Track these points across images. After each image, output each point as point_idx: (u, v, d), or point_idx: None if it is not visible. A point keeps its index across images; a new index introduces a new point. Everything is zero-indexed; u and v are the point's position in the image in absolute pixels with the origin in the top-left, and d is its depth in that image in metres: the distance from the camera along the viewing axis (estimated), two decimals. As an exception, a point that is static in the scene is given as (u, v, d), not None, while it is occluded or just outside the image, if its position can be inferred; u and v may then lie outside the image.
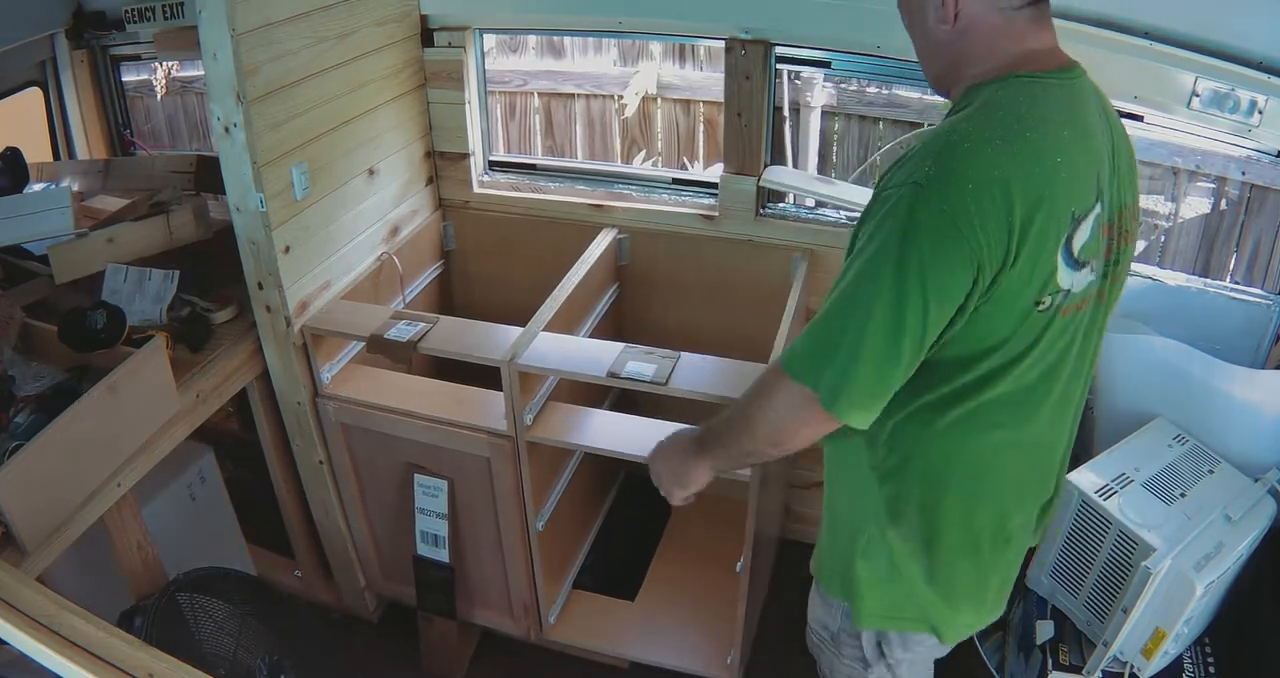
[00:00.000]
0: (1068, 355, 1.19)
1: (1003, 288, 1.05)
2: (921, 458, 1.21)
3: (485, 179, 2.54)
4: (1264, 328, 1.91)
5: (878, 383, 1.08)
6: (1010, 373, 1.14)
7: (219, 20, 1.64)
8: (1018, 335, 1.11)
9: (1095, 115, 1.15)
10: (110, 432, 1.66)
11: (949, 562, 1.27)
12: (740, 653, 2.15)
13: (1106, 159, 1.14)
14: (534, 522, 2.07)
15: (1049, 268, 1.07)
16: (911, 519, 1.25)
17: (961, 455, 1.21)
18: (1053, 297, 1.09)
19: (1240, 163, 2.57)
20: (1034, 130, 1.06)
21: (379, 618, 2.52)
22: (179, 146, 3.62)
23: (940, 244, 1.01)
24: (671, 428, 1.98)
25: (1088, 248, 1.11)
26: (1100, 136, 1.14)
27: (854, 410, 1.09)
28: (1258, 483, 1.72)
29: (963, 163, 1.02)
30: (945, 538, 1.26)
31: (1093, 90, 1.17)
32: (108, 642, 1.17)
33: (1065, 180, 1.06)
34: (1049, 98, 1.10)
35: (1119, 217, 1.18)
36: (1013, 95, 1.09)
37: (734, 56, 2.14)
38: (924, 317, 1.04)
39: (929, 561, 1.27)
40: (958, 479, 1.22)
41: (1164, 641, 1.63)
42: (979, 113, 1.08)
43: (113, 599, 1.79)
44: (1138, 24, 1.75)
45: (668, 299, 2.46)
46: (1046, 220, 1.04)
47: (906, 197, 1.02)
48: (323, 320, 2.03)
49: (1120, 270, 1.22)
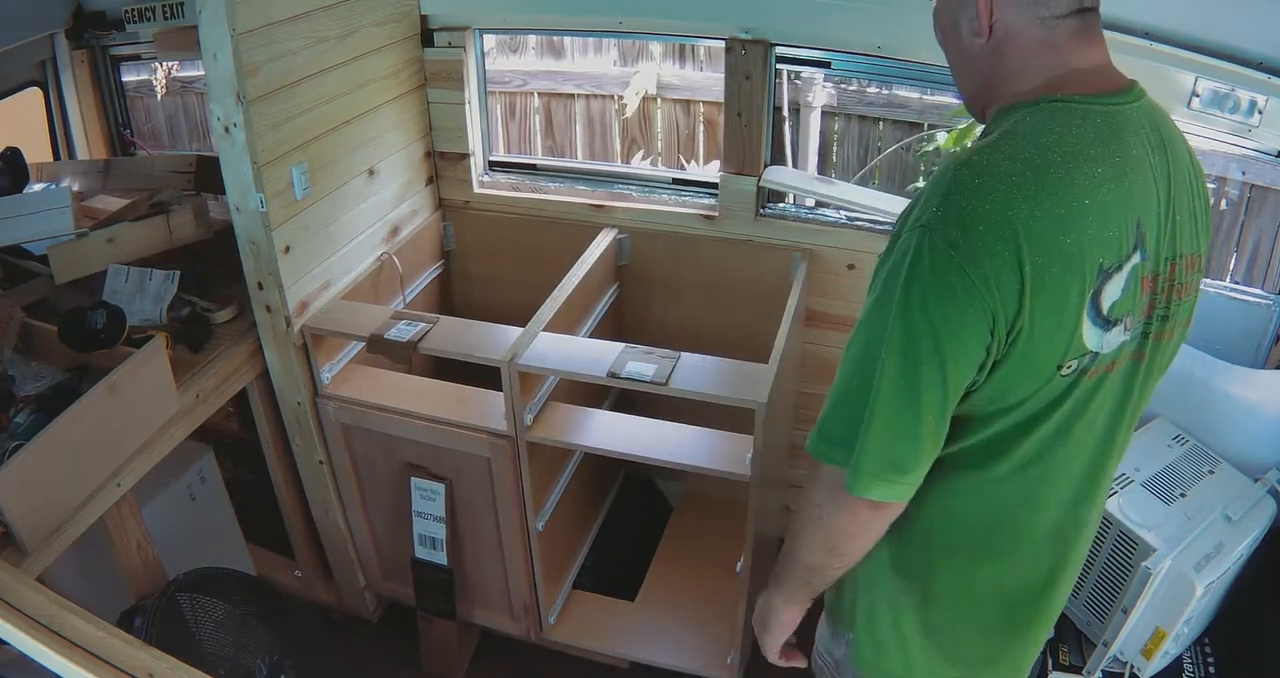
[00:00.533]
0: (1093, 422, 1.06)
1: (1021, 346, 0.94)
2: (925, 515, 1.10)
3: (485, 179, 2.54)
4: (1264, 328, 1.91)
5: (902, 453, 0.97)
6: (1026, 437, 1.03)
7: (219, 20, 1.64)
8: (1037, 397, 0.99)
9: (1145, 149, 0.99)
10: (110, 432, 1.66)
11: (949, 623, 1.19)
12: (740, 653, 2.15)
13: (1154, 201, 0.99)
14: (534, 522, 2.07)
15: (1073, 326, 0.95)
16: (913, 573, 1.16)
17: (966, 517, 1.11)
18: (1078, 359, 0.97)
19: (1240, 163, 2.57)
20: (1059, 166, 0.93)
21: (379, 618, 2.52)
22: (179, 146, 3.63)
23: (949, 293, 0.91)
24: (669, 428, 2.00)
25: (1121, 305, 0.97)
26: (1148, 174, 0.98)
27: (876, 484, 0.98)
28: (1258, 483, 1.72)
29: (971, 202, 0.91)
30: (944, 598, 1.17)
31: (1149, 120, 1.01)
32: (108, 642, 1.17)
33: (1093, 226, 0.93)
34: (1085, 127, 0.96)
35: (1169, 268, 1.02)
36: (1041, 123, 0.96)
37: (734, 56, 2.14)
38: (941, 371, 0.94)
39: (927, 615, 1.18)
40: (962, 541, 1.13)
41: (1164, 641, 1.63)
42: (998, 144, 0.95)
43: (113, 599, 1.79)
44: (1138, 24, 1.75)
45: (668, 299, 2.46)
46: (1065, 272, 0.92)
47: (914, 241, 0.93)
48: (323, 320, 2.03)
49: (1170, 328, 1.06)
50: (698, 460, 1.90)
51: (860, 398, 0.98)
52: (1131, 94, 1.00)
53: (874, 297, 0.98)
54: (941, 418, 0.98)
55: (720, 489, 2.59)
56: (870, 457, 0.98)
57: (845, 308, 2.30)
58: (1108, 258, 0.95)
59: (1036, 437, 1.03)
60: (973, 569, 1.15)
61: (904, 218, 0.98)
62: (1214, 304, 1.94)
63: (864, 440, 0.97)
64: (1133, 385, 1.08)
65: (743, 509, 1.94)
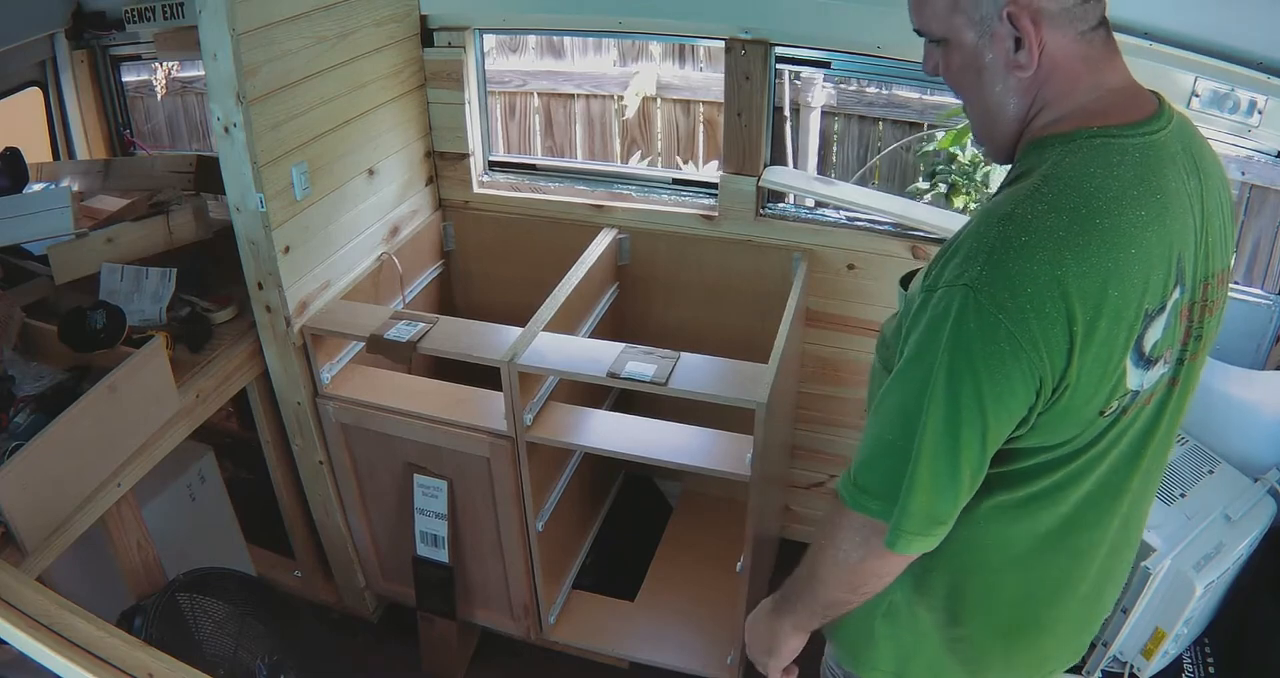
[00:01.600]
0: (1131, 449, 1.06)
1: (1065, 400, 0.93)
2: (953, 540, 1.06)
3: (485, 179, 2.54)
4: (1264, 328, 1.91)
5: (942, 508, 0.97)
6: (1060, 470, 1.02)
7: (219, 20, 1.64)
8: (1077, 438, 0.99)
9: (1181, 178, 0.96)
10: (110, 432, 1.66)
11: (975, 640, 1.18)
12: (740, 653, 2.15)
13: (1191, 231, 0.97)
14: (534, 522, 2.07)
15: (1118, 374, 0.94)
16: (937, 594, 1.15)
17: (993, 543, 1.09)
18: (1120, 401, 0.96)
19: (1240, 163, 2.57)
20: (1105, 216, 0.90)
21: (379, 618, 2.52)
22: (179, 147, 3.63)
23: (996, 356, 0.89)
24: (669, 428, 2.00)
25: (1161, 343, 0.96)
26: (1187, 206, 0.96)
27: (916, 541, 0.98)
28: (1257, 483, 1.72)
29: (1019, 262, 0.88)
30: (971, 620, 1.16)
31: (1182, 145, 0.98)
32: (108, 642, 1.17)
33: (1139, 274, 0.91)
34: (1124, 166, 0.92)
35: (1203, 291, 1.01)
36: (1082, 166, 0.92)
37: (734, 56, 2.14)
38: (982, 436, 0.93)
39: (953, 633, 1.17)
40: (988, 566, 1.11)
41: (1164, 641, 1.63)
42: (1040, 192, 0.91)
43: (113, 599, 1.79)
44: (1138, 24, 1.75)
45: (668, 299, 2.46)
46: (1113, 325, 0.90)
47: (957, 300, 0.89)
48: (323, 320, 2.03)
49: (1202, 346, 1.05)
50: (698, 460, 1.90)
51: (897, 453, 0.97)
52: (1163, 118, 0.97)
53: (912, 352, 0.96)
54: (980, 470, 0.97)
55: (720, 489, 2.59)
56: (912, 517, 0.97)
57: (845, 308, 2.30)
58: (1152, 303, 0.93)
59: (1074, 466, 1.02)
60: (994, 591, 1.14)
61: (939, 270, 0.94)
62: (1214, 304, 1.94)
63: (906, 501, 0.96)
64: (1166, 408, 1.06)
65: (743, 509, 1.94)
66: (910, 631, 1.18)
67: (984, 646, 1.18)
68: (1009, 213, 0.91)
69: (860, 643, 1.23)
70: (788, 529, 2.68)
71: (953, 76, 1.02)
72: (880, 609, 1.18)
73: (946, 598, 1.14)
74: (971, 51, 0.98)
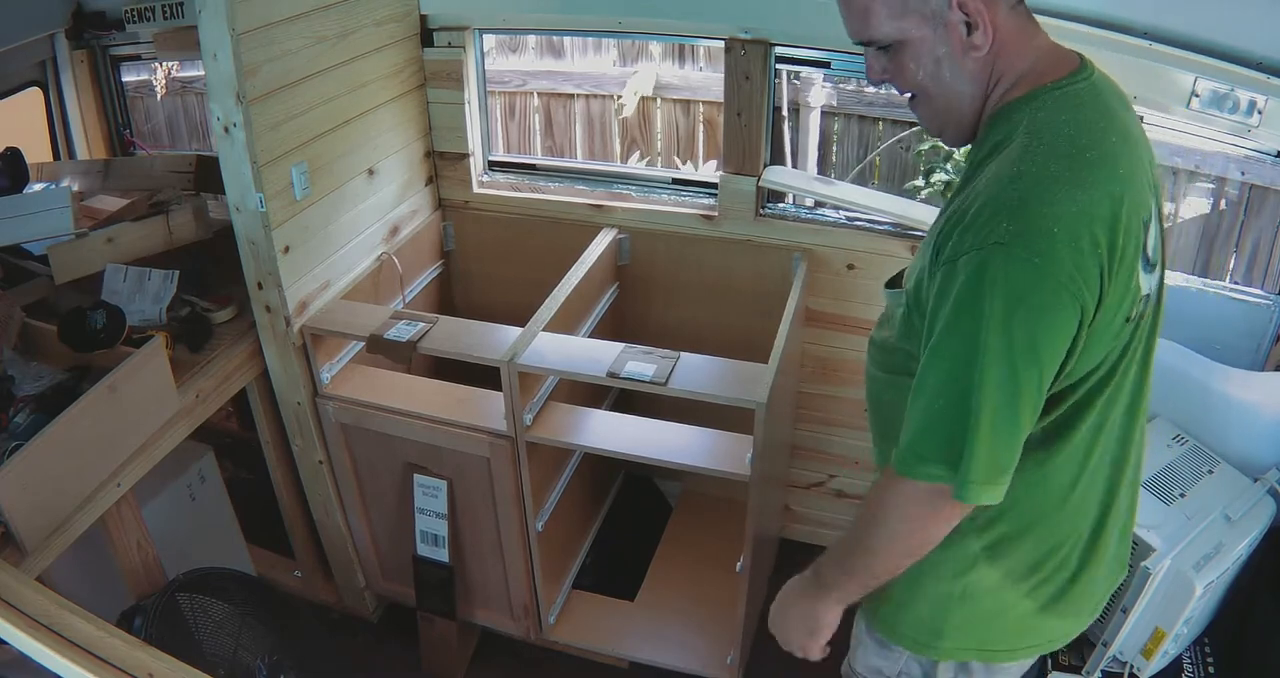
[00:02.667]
0: (1140, 365, 1.15)
1: (1101, 318, 1.01)
2: (1026, 496, 1.14)
3: (485, 179, 2.54)
4: (1264, 328, 1.91)
5: (1005, 456, 1.02)
6: (1104, 393, 1.10)
7: (219, 20, 1.64)
8: (1110, 354, 1.07)
9: (1124, 109, 1.09)
10: (110, 432, 1.66)
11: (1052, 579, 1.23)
12: (740, 653, 2.15)
13: (1145, 150, 1.09)
14: (534, 522, 2.07)
15: (1135, 280, 1.03)
16: (1019, 554, 1.20)
17: (1061, 483, 1.16)
18: (1137, 306, 1.06)
19: (1240, 163, 2.58)
20: (1091, 149, 1.00)
21: (379, 618, 2.52)
22: (179, 147, 3.63)
23: (1042, 299, 0.95)
24: (669, 428, 2.00)
25: (1155, 248, 1.07)
26: (1138, 130, 1.09)
27: (986, 490, 1.03)
28: (1257, 483, 1.72)
29: (1041, 208, 0.96)
30: (1047, 563, 1.21)
31: (1108, 84, 1.10)
32: (108, 642, 1.17)
33: (1132, 190, 1.01)
34: (1084, 108, 1.03)
35: (1160, 202, 1.13)
36: (1054, 116, 1.02)
37: (734, 56, 2.14)
38: (1039, 377, 0.99)
39: (1033, 582, 1.22)
40: (1058, 509, 1.18)
41: (1163, 641, 1.63)
42: (1033, 148, 1.00)
43: (113, 599, 1.79)
44: (1137, 24, 1.75)
45: (668, 299, 2.46)
46: (1127, 238, 0.99)
47: (993, 259, 0.95)
48: (322, 320, 2.03)
49: (1168, 251, 1.16)
50: (697, 460, 1.90)
51: (950, 418, 1.01)
52: (1089, 67, 1.08)
53: (948, 320, 1.00)
54: (1036, 413, 1.02)
55: (720, 489, 2.59)
56: (979, 466, 1.00)
57: (845, 308, 2.30)
58: (1145, 212, 1.03)
59: (1110, 386, 1.10)
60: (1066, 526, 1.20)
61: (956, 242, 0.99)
62: (1214, 304, 1.94)
63: (971, 453, 1.00)
64: (1157, 319, 1.16)
65: (743, 509, 1.94)
66: (992, 600, 1.23)
67: (1058, 583, 1.23)
68: (1015, 173, 0.98)
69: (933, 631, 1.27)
70: (788, 529, 2.68)
71: (907, 76, 1.08)
72: (955, 595, 1.23)
73: (1030, 553, 1.20)
74: (927, 45, 1.04)
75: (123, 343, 1.77)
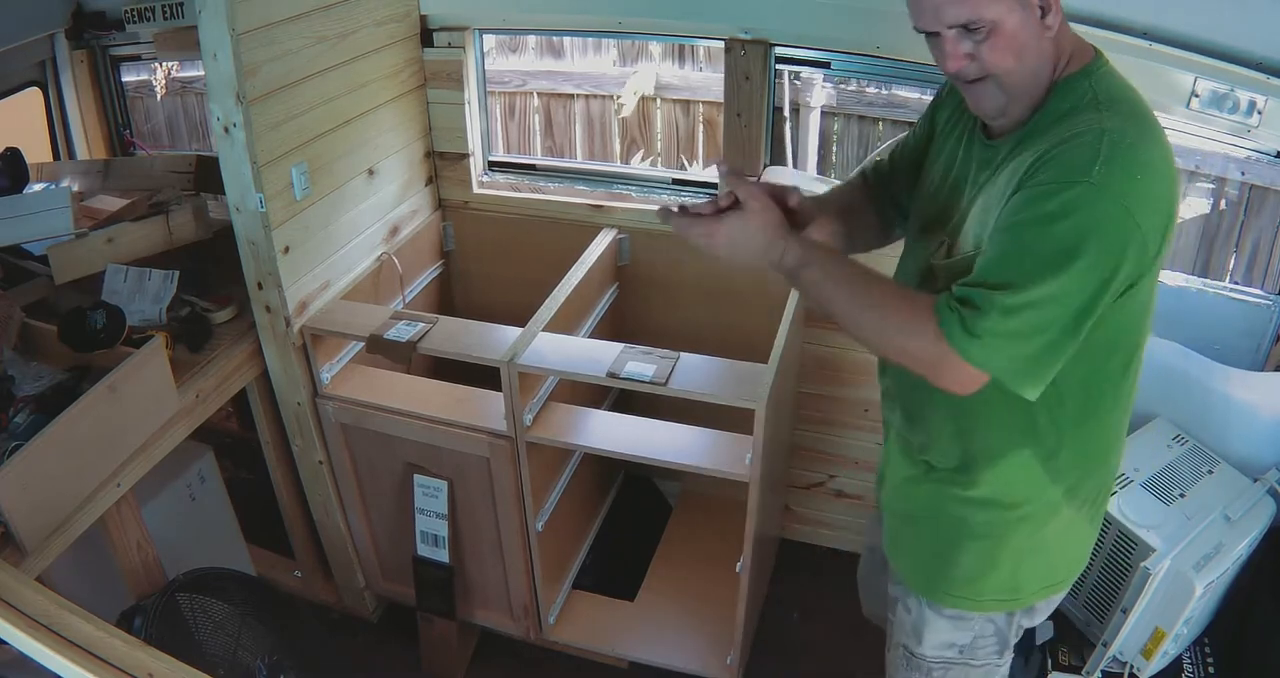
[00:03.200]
0: None
1: (1159, 265, 1.13)
2: (1099, 445, 1.29)
3: (485, 179, 2.54)
4: (1264, 328, 1.91)
5: (1059, 360, 1.11)
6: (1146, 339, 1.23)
7: (219, 20, 1.64)
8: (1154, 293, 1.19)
9: None
10: (110, 432, 1.66)
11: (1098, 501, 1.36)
12: (740, 653, 2.15)
13: None
14: (534, 522, 2.07)
15: None
16: (1089, 492, 1.32)
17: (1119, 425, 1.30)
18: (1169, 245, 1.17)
19: (1240, 163, 2.57)
20: (1149, 116, 1.12)
21: (379, 618, 2.52)
22: (179, 147, 3.62)
23: (1121, 238, 1.05)
24: (669, 428, 2.00)
25: None
26: None
27: (1035, 385, 1.12)
28: (1257, 483, 1.73)
29: (1130, 157, 1.06)
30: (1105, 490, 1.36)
31: None
32: (107, 642, 1.17)
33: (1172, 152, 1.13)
34: (1126, 82, 1.16)
35: None
36: (1112, 85, 1.14)
37: (734, 56, 2.14)
38: (1101, 301, 1.08)
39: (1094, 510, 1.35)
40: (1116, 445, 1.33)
41: (1163, 641, 1.63)
42: (1112, 110, 1.10)
43: (113, 599, 1.79)
44: (1136, 24, 1.75)
45: (668, 299, 2.46)
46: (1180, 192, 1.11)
47: (1084, 195, 1.04)
48: (322, 320, 2.03)
49: None
50: (697, 461, 1.90)
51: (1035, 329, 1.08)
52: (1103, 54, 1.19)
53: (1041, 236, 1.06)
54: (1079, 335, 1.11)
55: (720, 489, 2.58)
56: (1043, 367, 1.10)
57: (845, 308, 2.30)
58: None
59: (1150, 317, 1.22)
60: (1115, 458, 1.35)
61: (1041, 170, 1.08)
62: (1214, 304, 1.94)
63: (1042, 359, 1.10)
64: None
65: (743, 509, 1.94)
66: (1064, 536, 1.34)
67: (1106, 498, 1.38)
68: (1102, 129, 1.07)
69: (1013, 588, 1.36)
70: (788, 529, 2.68)
71: (996, 57, 1.12)
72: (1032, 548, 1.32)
73: (1103, 481, 1.34)
74: (1020, 25, 1.11)
75: (123, 343, 1.76)
